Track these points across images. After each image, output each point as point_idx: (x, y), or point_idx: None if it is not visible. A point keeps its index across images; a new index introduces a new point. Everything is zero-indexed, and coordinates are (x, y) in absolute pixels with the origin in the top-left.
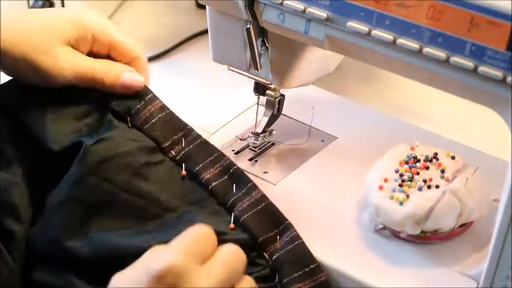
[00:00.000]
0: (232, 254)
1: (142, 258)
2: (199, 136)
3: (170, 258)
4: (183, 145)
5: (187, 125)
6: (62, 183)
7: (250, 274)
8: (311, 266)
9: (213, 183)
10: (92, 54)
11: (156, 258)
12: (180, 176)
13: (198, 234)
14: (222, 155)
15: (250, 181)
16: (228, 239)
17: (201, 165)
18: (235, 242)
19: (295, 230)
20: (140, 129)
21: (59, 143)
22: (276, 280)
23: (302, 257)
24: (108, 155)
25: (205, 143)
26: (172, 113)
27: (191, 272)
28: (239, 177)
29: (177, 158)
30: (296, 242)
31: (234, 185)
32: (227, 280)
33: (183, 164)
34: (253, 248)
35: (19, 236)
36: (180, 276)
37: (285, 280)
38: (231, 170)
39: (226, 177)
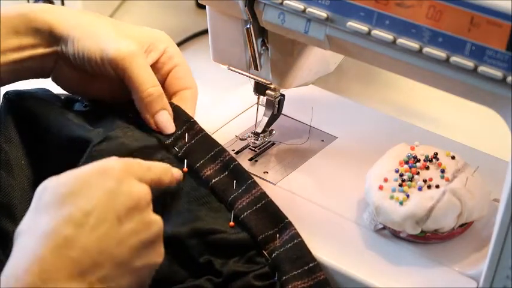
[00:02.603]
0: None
1: None
2: (202, 130)
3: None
4: (186, 140)
5: (192, 118)
6: None
7: (249, 272)
8: (310, 265)
9: (213, 180)
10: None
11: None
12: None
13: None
14: (222, 151)
15: (251, 178)
16: (227, 238)
17: (201, 161)
18: (235, 240)
19: (294, 229)
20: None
21: (67, 130)
22: (275, 278)
23: (301, 255)
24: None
25: (206, 137)
26: (178, 107)
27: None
28: (239, 173)
29: (180, 154)
30: (296, 240)
31: (235, 181)
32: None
33: (185, 161)
34: (252, 246)
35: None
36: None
37: (284, 278)
38: (231, 166)
39: (226, 173)
